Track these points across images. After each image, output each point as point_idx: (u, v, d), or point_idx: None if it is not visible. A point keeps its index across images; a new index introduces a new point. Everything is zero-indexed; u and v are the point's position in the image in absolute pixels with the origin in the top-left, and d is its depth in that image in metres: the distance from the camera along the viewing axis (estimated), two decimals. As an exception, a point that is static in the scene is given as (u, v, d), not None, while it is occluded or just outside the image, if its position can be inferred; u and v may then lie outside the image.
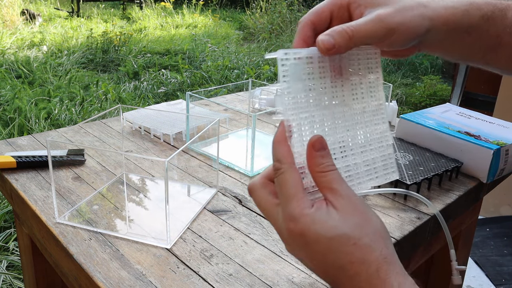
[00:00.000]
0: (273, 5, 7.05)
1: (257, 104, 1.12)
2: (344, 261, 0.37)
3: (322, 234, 0.38)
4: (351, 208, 0.38)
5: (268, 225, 0.64)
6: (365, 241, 0.37)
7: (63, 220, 0.63)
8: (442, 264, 0.96)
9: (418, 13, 0.45)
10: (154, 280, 0.52)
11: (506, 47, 0.50)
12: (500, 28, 0.49)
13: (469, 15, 0.48)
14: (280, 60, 0.40)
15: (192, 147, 0.88)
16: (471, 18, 0.48)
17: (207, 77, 4.03)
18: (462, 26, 0.48)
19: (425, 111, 0.92)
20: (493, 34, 0.49)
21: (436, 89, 4.12)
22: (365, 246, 0.37)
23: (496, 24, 0.49)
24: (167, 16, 7.27)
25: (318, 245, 0.38)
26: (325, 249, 0.38)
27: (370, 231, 0.38)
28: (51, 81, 3.70)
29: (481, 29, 0.48)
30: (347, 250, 0.37)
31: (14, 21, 5.84)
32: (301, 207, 0.39)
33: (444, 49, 0.50)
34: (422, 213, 0.68)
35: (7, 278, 1.46)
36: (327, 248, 0.38)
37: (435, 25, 0.46)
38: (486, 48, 0.50)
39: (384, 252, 0.37)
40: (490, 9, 0.49)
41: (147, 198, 0.73)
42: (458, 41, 0.49)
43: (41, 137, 0.90)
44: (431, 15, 0.46)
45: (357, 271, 0.37)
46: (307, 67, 0.41)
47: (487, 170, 0.77)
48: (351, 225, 0.38)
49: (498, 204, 2.13)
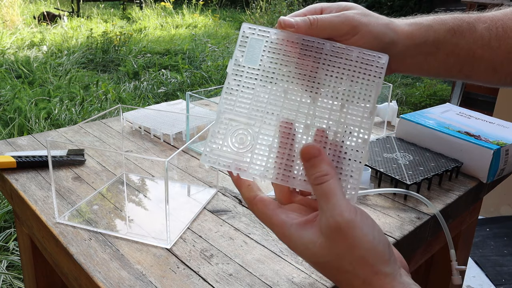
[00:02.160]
0: (273, 5, 7.05)
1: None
2: (333, 279, 0.40)
3: (306, 257, 0.39)
4: (333, 234, 0.37)
5: (268, 225, 0.64)
6: (348, 268, 0.37)
7: (63, 220, 0.63)
8: (442, 264, 0.96)
9: (383, 22, 0.48)
10: (154, 280, 0.52)
11: (481, 60, 0.51)
12: (470, 41, 0.50)
13: (434, 30, 0.50)
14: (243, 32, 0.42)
15: (192, 147, 0.88)
16: (437, 33, 0.49)
17: (207, 77, 4.03)
18: (428, 40, 0.49)
19: (425, 111, 0.92)
20: (463, 47, 0.50)
21: (436, 89, 4.12)
22: (348, 273, 0.37)
23: (464, 37, 0.50)
24: (167, 16, 7.26)
25: (307, 260, 0.40)
26: (313, 265, 0.40)
27: (352, 260, 0.37)
28: (51, 81, 3.70)
29: (449, 42, 0.50)
30: (332, 272, 0.39)
31: (14, 21, 5.84)
32: (282, 231, 0.40)
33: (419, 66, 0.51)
34: (422, 213, 0.68)
35: (7, 278, 1.46)
36: (314, 265, 0.40)
37: (399, 38, 0.48)
38: (461, 62, 0.51)
39: (369, 279, 0.37)
40: (457, 23, 0.50)
41: (147, 198, 0.73)
42: (430, 56, 0.50)
43: (41, 137, 0.90)
44: (395, 27, 0.48)
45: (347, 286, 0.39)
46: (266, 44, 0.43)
47: (487, 170, 0.77)
48: (332, 253, 0.37)
49: (498, 204, 2.13)
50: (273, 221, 0.40)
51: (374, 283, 0.37)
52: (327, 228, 0.37)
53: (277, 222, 0.40)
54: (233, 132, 0.41)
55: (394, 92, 4.02)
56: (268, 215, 0.40)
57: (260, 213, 0.41)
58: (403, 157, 0.80)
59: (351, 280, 0.37)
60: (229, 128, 0.41)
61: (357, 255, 0.37)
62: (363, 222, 0.37)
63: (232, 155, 0.41)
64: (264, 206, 0.41)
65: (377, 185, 0.76)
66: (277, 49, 0.43)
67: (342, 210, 0.37)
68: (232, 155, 0.41)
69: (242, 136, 0.41)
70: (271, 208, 0.41)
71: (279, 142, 0.41)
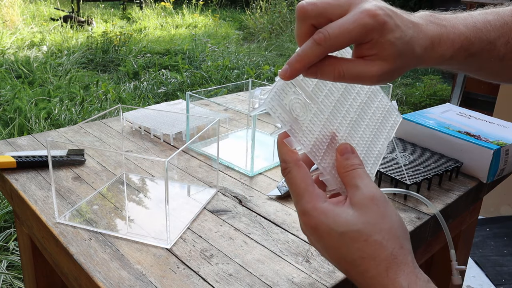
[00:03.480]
0: (273, 5, 7.05)
1: (257, 104, 1.12)
2: (355, 256, 0.38)
3: (334, 228, 0.39)
4: (368, 204, 0.39)
5: (268, 225, 0.64)
6: (377, 238, 0.38)
7: (63, 220, 0.63)
8: (442, 264, 0.96)
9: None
10: (154, 280, 0.52)
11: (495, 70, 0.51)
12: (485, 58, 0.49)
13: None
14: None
15: (192, 147, 0.88)
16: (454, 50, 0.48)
17: (207, 77, 4.03)
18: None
19: (425, 111, 0.92)
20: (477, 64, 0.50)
21: (436, 89, 4.12)
22: (376, 243, 0.38)
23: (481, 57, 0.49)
24: (167, 16, 7.26)
25: (330, 239, 0.39)
26: (337, 243, 0.39)
27: (384, 229, 0.38)
28: (51, 81, 3.70)
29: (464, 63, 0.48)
30: (358, 246, 0.38)
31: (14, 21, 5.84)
32: (312, 202, 0.40)
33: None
34: (422, 213, 0.68)
35: (7, 278, 1.46)
36: (339, 241, 0.39)
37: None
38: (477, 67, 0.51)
39: (395, 252, 0.38)
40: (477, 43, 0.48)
41: (147, 198, 0.73)
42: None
43: (41, 137, 0.90)
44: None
45: (367, 268, 0.38)
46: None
47: (487, 170, 0.77)
48: (364, 221, 0.38)
49: (498, 204, 2.13)
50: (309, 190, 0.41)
51: (399, 257, 0.38)
52: (362, 199, 0.39)
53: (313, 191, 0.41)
54: (293, 98, 0.43)
55: (394, 92, 4.02)
56: (307, 182, 0.41)
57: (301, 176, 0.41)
58: (403, 157, 0.80)
59: (377, 252, 0.37)
60: (292, 90, 0.43)
61: (388, 225, 0.38)
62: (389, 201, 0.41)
63: (291, 117, 0.42)
64: (307, 173, 0.42)
65: (377, 185, 0.76)
66: None
67: (376, 187, 0.40)
68: (291, 117, 0.42)
69: (298, 106, 0.43)
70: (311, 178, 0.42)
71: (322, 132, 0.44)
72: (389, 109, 0.52)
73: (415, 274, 0.37)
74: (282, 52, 5.55)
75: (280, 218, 0.66)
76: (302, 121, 0.43)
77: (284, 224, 0.65)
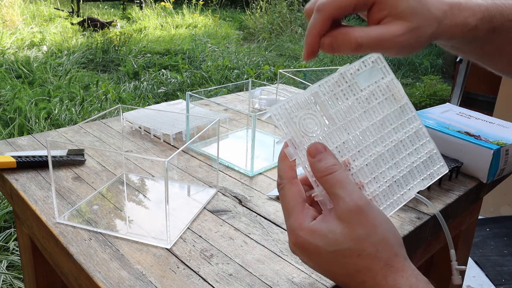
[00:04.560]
0: (273, 5, 7.05)
1: (257, 104, 1.12)
2: (350, 270, 0.37)
3: (324, 247, 0.38)
4: (355, 217, 0.37)
5: (268, 225, 0.64)
6: (370, 251, 0.37)
7: (63, 220, 0.63)
8: (442, 264, 0.96)
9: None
10: (154, 280, 0.52)
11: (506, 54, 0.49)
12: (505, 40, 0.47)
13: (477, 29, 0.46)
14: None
15: (192, 147, 0.88)
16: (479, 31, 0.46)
17: (207, 77, 4.03)
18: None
19: (425, 111, 0.92)
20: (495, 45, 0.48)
21: (436, 89, 4.12)
22: (369, 257, 0.37)
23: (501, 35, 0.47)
24: (167, 16, 7.26)
25: (321, 257, 0.38)
26: (329, 261, 0.38)
27: (375, 241, 0.37)
28: (51, 81, 3.70)
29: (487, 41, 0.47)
30: (351, 261, 0.37)
31: (14, 21, 5.84)
32: (299, 221, 0.39)
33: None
34: (422, 213, 0.68)
35: (7, 278, 1.46)
36: (330, 259, 0.38)
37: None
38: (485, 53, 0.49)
39: (391, 261, 0.37)
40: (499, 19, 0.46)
41: (147, 198, 0.73)
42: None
43: (41, 137, 0.90)
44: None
45: (364, 279, 0.37)
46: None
47: (487, 170, 0.77)
48: (354, 237, 0.37)
49: (498, 204, 2.13)
50: (297, 208, 0.40)
51: (395, 264, 0.37)
52: (347, 212, 0.37)
53: (301, 210, 0.39)
54: (307, 113, 0.42)
55: (394, 92, 4.02)
56: (297, 201, 0.40)
57: (291, 194, 0.40)
58: (403, 157, 0.80)
59: (372, 265, 0.37)
60: (307, 106, 0.42)
61: (379, 236, 0.37)
62: (376, 206, 0.38)
63: (295, 129, 0.42)
64: (299, 191, 0.40)
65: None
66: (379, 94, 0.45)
67: (360, 194, 0.38)
68: (295, 130, 0.42)
69: (311, 122, 0.43)
70: (302, 196, 0.40)
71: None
72: (433, 157, 0.48)
73: (414, 276, 0.37)
74: (282, 52, 5.55)
75: (280, 218, 0.66)
76: (310, 136, 0.42)
77: (284, 224, 0.65)
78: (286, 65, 4.71)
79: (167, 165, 0.56)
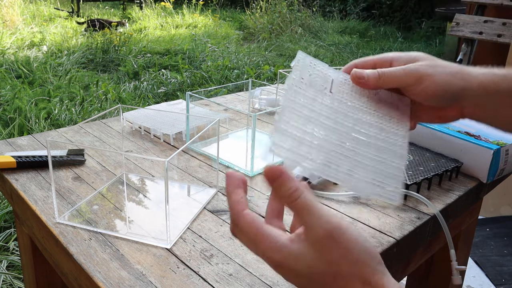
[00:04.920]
0: (273, 5, 7.05)
1: (257, 104, 1.12)
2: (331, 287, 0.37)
3: (299, 269, 0.37)
4: (326, 244, 0.36)
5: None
6: (346, 272, 0.36)
7: (63, 220, 0.63)
8: (442, 264, 0.96)
9: (449, 71, 0.49)
10: (154, 280, 0.52)
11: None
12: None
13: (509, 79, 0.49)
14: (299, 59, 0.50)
15: (192, 147, 0.88)
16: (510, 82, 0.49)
17: (207, 77, 4.03)
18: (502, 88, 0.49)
19: (425, 111, 0.92)
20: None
21: (436, 89, 4.12)
22: (346, 277, 0.36)
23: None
24: (167, 16, 7.27)
25: (300, 278, 0.38)
26: (307, 280, 0.37)
27: (350, 262, 0.36)
28: (51, 81, 3.70)
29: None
30: (328, 281, 0.37)
31: (14, 21, 5.84)
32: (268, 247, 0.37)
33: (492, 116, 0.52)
34: (422, 213, 0.68)
35: (7, 278, 1.46)
36: (308, 279, 0.37)
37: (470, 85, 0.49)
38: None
39: (369, 278, 0.36)
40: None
41: (147, 198, 0.73)
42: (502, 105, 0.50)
43: (41, 137, 0.90)
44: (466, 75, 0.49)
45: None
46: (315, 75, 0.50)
47: (487, 170, 0.77)
48: (326, 261, 0.36)
49: (498, 204, 2.13)
50: (261, 232, 0.38)
51: (374, 282, 0.36)
52: (318, 240, 0.36)
53: (265, 233, 0.37)
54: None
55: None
56: (254, 227, 0.38)
57: (247, 225, 0.38)
58: (403, 157, 0.80)
59: (350, 283, 0.36)
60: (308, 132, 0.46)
61: (354, 258, 0.36)
62: (349, 226, 0.37)
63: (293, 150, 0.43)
64: (252, 218, 0.38)
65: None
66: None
67: (328, 218, 0.36)
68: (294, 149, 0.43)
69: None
70: (259, 221, 0.38)
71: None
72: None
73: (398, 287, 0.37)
74: (282, 52, 5.55)
75: (280, 218, 0.66)
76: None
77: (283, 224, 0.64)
78: (286, 65, 4.71)
79: (167, 165, 0.56)
